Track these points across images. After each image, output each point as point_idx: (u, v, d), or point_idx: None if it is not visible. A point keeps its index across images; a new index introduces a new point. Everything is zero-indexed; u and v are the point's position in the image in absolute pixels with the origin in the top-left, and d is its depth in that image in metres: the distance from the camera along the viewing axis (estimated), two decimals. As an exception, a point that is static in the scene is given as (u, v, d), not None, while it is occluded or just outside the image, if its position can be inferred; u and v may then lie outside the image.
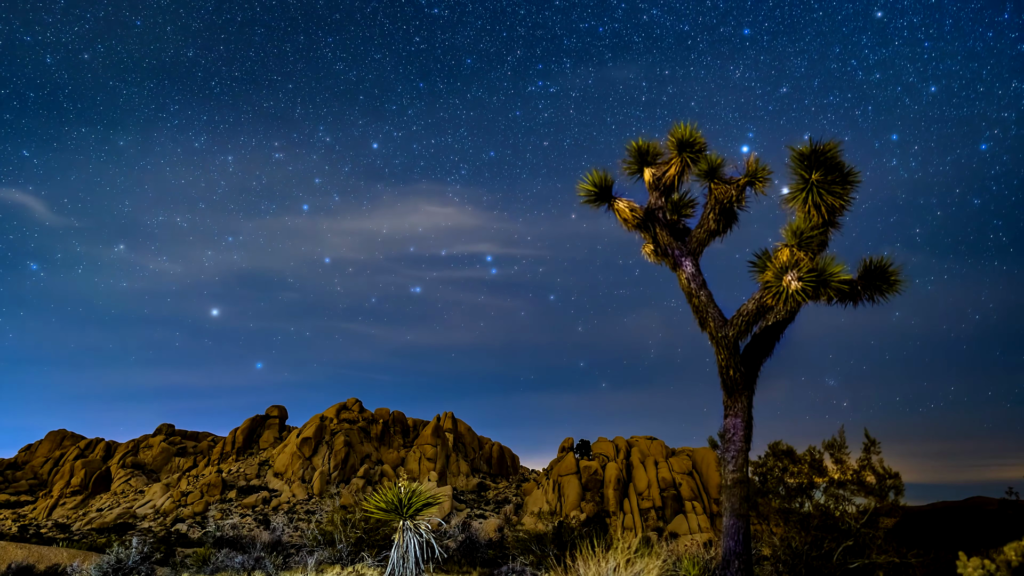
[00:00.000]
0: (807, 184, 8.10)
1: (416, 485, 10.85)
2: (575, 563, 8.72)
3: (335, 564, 14.02)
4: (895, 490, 10.14)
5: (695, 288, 9.06)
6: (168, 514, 64.33)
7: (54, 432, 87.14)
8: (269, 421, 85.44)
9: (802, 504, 10.71)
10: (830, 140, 8.11)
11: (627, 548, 8.60)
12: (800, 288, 7.24)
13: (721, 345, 8.49)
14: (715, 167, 9.16)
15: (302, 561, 15.23)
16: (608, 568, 8.18)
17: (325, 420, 78.80)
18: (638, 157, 9.66)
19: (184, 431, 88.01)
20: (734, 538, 8.01)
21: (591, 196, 9.74)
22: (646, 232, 9.61)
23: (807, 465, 10.96)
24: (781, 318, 8.30)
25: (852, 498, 10.35)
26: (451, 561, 17.72)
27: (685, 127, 9.17)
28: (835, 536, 9.94)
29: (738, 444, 8.32)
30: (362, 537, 15.43)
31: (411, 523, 10.33)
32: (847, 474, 10.54)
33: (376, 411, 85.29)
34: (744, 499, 8.15)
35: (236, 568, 15.80)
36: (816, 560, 9.81)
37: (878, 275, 8.16)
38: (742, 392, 8.47)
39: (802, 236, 7.59)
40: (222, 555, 17.30)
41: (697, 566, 11.44)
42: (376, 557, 14.33)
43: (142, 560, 16.25)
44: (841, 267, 7.44)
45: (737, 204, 9.25)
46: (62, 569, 18.43)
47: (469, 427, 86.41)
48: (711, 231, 9.37)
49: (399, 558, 10.01)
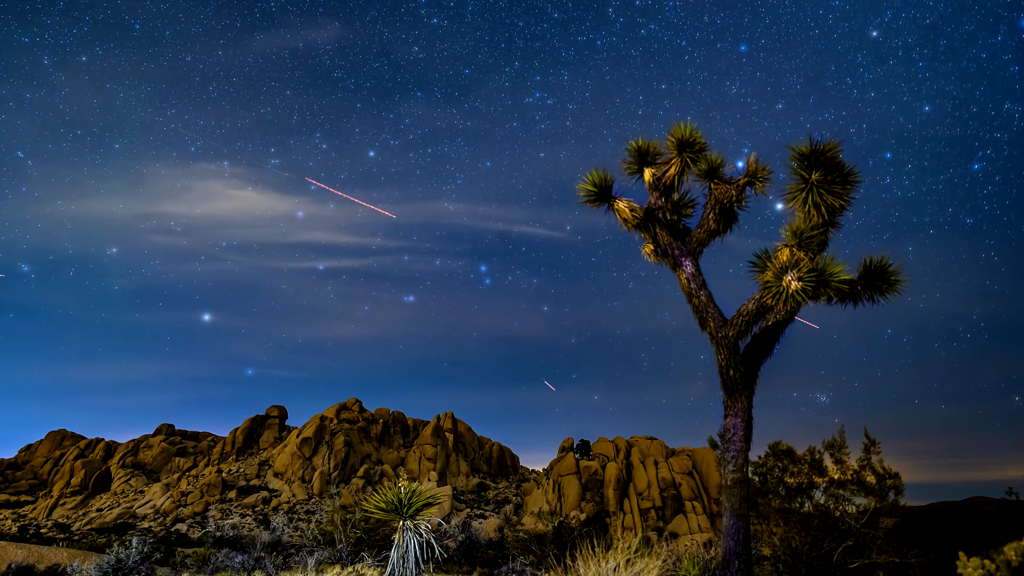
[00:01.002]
0: (807, 184, 8.10)
1: (416, 485, 10.84)
2: (575, 563, 8.71)
3: (335, 564, 14.01)
4: (895, 490, 10.14)
5: (695, 288, 9.06)
6: (168, 514, 64.32)
7: (54, 432, 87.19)
8: (269, 421, 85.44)
9: (802, 504, 10.72)
10: (830, 140, 8.12)
11: (627, 548, 8.60)
12: (800, 288, 7.24)
13: (721, 345, 8.49)
14: (715, 167, 9.15)
15: (302, 561, 15.23)
16: (608, 568, 8.18)
17: (325, 420, 78.80)
18: (638, 157, 9.65)
19: (184, 431, 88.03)
20: (734, 538, 8.01)
21: (591, 196, 9.73)
22: (646, 232, 9.61)
23: (807, 465, 10.97)
24: (781, 318, 8.31)
25: (852, 498, 10.36)
26: (451, 561, 17.72)
27: (685, 127, 9.15)
28: (835, 536, 9.94)
29: (738, 444, 8.32)
30: (362, 537, 15.43)
31: (411, 523, 10.33)
32: (847, 474, 10.55)
33: (376, 411, 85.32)
34: (744, 499, 8.15)
35: (236, 568, 15.80)
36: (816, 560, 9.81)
37: (878, 275, 8.16)
38: (742, 392, 8.48)
39: (802, 236, 7.58)
40: (222, 555, 17.29)
41: (697, 566, 11.44)
42: (376, 557, 14.33)
43: (142, 560, 16.25)
44: (841, 267, 7.43)
45: (737, 204, 9.25)
46: (62, 569, 18.43)
47: (469, 427, 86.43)
48: (711, 231, 9.37)
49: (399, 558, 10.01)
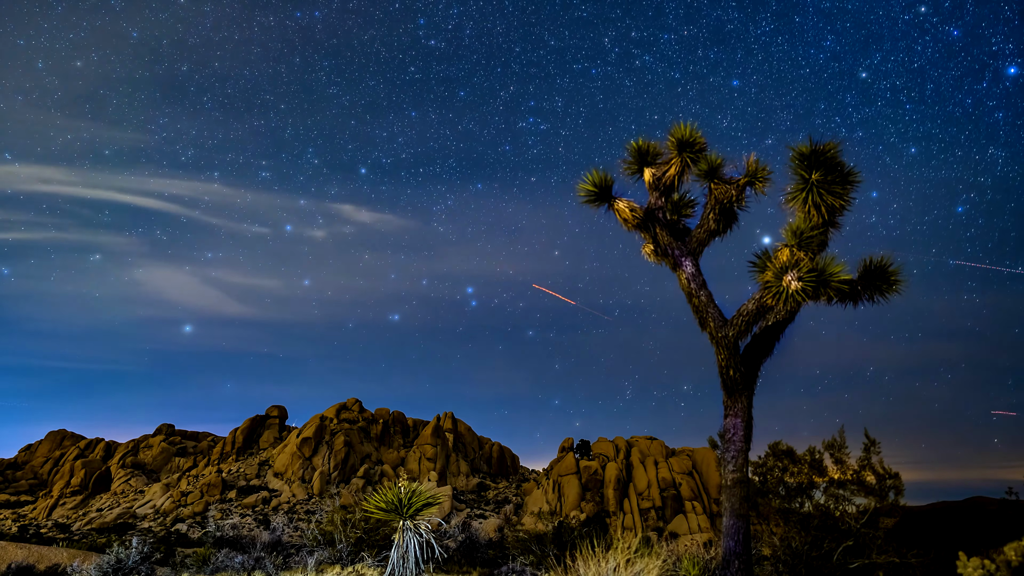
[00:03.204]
0: (807, 184, 8.10)
1: (416, 485, 10.84)
2: (575, 563, 8.71)
3: (335, 564, 14.01)
4: (895, 490, 10.15)
5: (695, 288, 9.06)
6: (168, 514, 64.32)
7: (54, 432, 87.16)
8: (269, 421, 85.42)
9: (802, 504, 10.72)
10: (830, 140, 8.12)
11: (627, 548, 8.60)
12: (800, 288, 7.24)
13: (721, 345, 8.49)
14: (715, 167, 9.15)
15: (302, 561, 15.23)
16: (608, 568, 8.18)
17: (325, 420, 78.79)
18: (638, 157, 9.64)
19: (184, 431, 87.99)
20: (734, 538, 8.01)
21: (591, 196, 9.72)
22: (646, 232, 9.61)
23: (807, 465, 10.97)
24: (781, 318, 8.31)
25: (852, 498, 10.36)
26: (451, 561, 17.72)
27: (685, 127, 9.14)
28: (835, 536, 9.94)
29: (738, 444, 8.32)
30: (362, 537, 15.43)
31: (411, 523, 10.33)
32: (847, 474, 10.55)
33: (376, 411, 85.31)
34: (744, 499, 8.15)
35: (236, 568, 15.80)
36: (816, 560, 9.81)
37: (878, 275, 8.16)
38: (742, 392, 8.48)
39: (802, 236, 7.58)
40: (222, 555, 17.30)
41: (697, 566, 11.44)
42: (376, 557, 14.33)
43: (142, 560, 16.25)
44: (841, 267, 7.43)
45: (737, 204, 9.25)
46: (62, 569, 18.44)
47: (469, 427, 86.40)
48: (711, 231, 9.37)
49: (399, 558, 10.01)
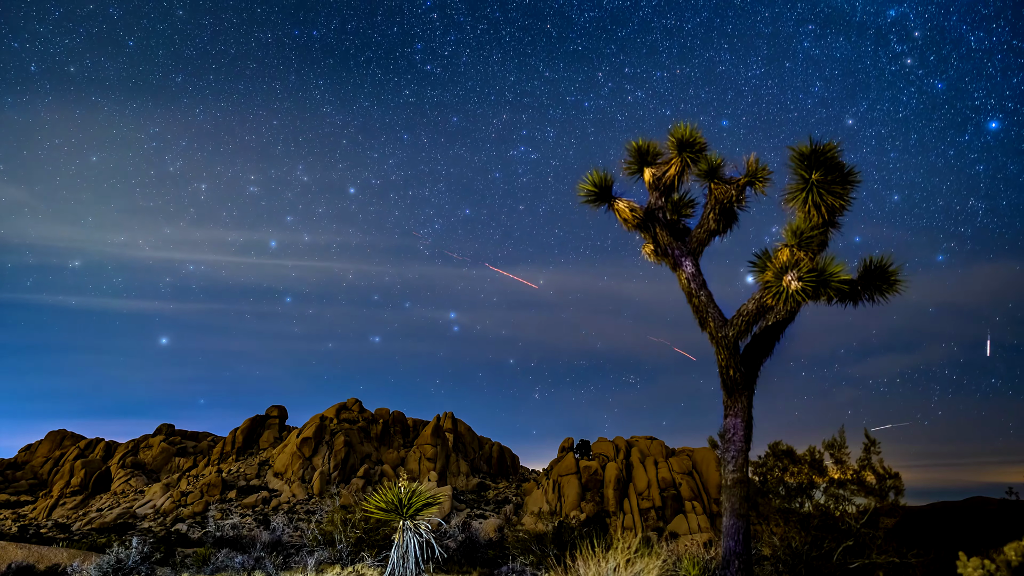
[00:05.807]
0: (807, 184, 8.09)
1: (416, 485, 10.84)
2: (575, 563, 8.71)
3: (335, 564, 14.01)
4: (895, 490, 10.15)
5: (695, 288, 9.06)
6: (168, 514, 64.31)
7: (54, 432, 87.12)
8: (269, 421, 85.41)
9: (802, 504, 10.72)
10: (830, 140, 8.11)
11: (627, 548, 8.60)
12: (800, 288, 7.24)
13: (721, 345, 8.49)
14: (715, 167, 9.14)
15: (302, 561, 15.23)
16: (608, 568, 8.18)
17: (325, 420, 78.78)
18: (638, 157, 9.63)
19: (184, 431, 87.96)
20: (734, 538, 8.01)
21: (591, 196, 9.71)
22: (646, 232, 9.60)
23: (807, 465, 10.97)
24: (781, 318, 8.30)
25: (852, 498, 10.36)
26: (451, 561, 17.71)
27: (685, 127, 9.14)
28: (835, 536, 9.94)
29: (738, 444, 8.32)
30: (362, 537, 15.43)
31: (411, 523, 10.33)
32: (847, 474, 10.55)
33: (376, 411, 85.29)
34: (744, 499, 8.15)
35: (236, 568, 15.80)
36: (816, 560, 9.81)
37: (878, 275, 8.15)
38: (742, 392, 8.47)
39: (802, 236, 7.58)
40: (222, 555, 17.30)
41: (697, 566, 11.44)
42: (376, 557, 14.33)
43: (142, 560, 16.25)
44: (841, 267, 7.43)
45: (737, 204, 9.25)
46: (62, 569, 18.43)
47: (469, 427, 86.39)
48: (711, 231, 9.37)
49: (399, 558, 10.01)
